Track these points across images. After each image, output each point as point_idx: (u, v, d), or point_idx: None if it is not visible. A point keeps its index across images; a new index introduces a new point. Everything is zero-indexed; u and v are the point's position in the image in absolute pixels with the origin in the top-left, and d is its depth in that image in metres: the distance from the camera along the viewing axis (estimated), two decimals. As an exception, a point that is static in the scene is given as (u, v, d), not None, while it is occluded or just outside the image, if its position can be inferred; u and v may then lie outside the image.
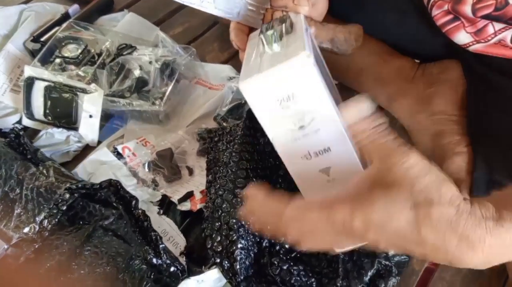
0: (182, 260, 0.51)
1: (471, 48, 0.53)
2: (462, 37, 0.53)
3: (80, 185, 0.55)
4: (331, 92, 0.45)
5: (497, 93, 0.54)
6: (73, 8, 0.82)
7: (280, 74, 0.35)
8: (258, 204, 0.36)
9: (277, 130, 0.38)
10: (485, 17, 0.50)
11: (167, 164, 0.61)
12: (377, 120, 0.34)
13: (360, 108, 0.35)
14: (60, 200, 0.55)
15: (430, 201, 0.31)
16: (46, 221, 0.55)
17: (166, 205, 0.59)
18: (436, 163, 0.59)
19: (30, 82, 0.66)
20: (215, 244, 0.49)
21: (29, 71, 0.65)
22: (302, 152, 0.39)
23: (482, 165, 0.52)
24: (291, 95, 0.36)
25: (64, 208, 0.55)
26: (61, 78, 0.65)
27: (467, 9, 0.51)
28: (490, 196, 0.40)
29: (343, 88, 0.71)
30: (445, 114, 0.58)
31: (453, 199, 0.31)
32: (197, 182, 0.60)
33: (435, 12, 0.54)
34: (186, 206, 0.57)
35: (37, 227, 0.55)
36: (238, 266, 0.47)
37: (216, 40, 0.81)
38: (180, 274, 0.48)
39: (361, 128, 0.35)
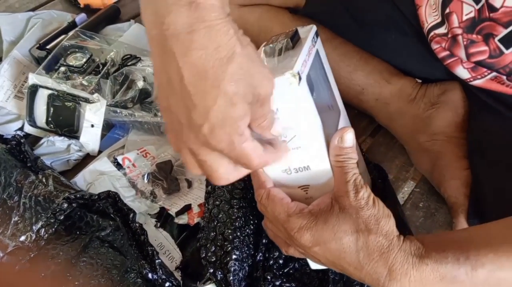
0: (178, 274, 0.51)
1: (473, 83, 0.53)
2: (461, 72, 0.54)
3: (78, 195, 0.55)
4: (328, 110, 0.45)
5: (497, 120, 0.54)
6: (80, 17, 0.83)
7: None
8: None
9: None
10: (479, 63, 0.51)
11: (166, 176, 0.62)
12: (355, 153, 0.39)
13: (352, 137, 0.39)
14: (58, 210, 0.55)
15: (369, 230, 0.36)
16: (43, 230, 0.55)
17: (163, 218, 0.59)
18: (435, 185, 0.59)
19: (34, 90, 0.66)
20: (209, 254, 0.49)
21: (33, 79, 0.66)
22: (283, 166, 0.41)
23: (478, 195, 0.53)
24: (275, 109, 0.37)
25: (62, 217, 0.55)
26: (64, 87, 0.65)
27: (461, 52, 0.52)
28: (432, 235, 0.42)
29: (345, 105, 0.70)
30: (445, 136, 0.58)
31: (389, 233, 0.36)
32: (196, 195, 0.60)
33: (434, 46, 0.55)
34: (183, 220, 0.57)
35: (33, 236, 0.55)
36: (231, 277, 0.47)
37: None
38: (175, 289, 0.48)
39: (347, 155, 0.38)
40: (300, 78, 0.35)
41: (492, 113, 0.55)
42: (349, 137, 0.38)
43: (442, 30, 0.54)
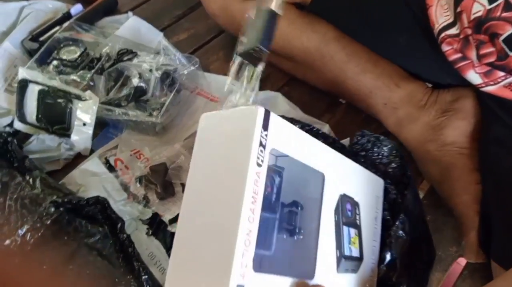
0: (168, 288, 0.48)
1: (484, 90, 0.50)
2: (472, 77, 0.50)
3: (66, 200, 0.52)
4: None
5: (507, 133, 0.50)
6: (76, 8, 0.79)
7: None
8: None
9: None
10: (490, 65, 0.48)
11: (160, 180, 0.58)
12: None
13: None
14: (44, 214, 0.52)
15: None
16: (29, 234, 0.52)
17: (156, 225, 0.56)
18: (443, 196, 0.56)
19: (23, 85, 0.63)
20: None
21: (23, 73, 0.62)
22: None
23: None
24: None
25: (49, 222, 0.52)
26: (55, 82, 0.62)
27: (473, 54, 0.48)
28: None
29: (352, 108, 0.68)
30: (456, 147, 0.55)
31: None
32: (191, 202, 0.57)
33: (445, 48, 0.51)
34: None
35: (18, 240, 0.53)
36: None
37: (221, 49, 0.78)
38: (164, 305, 0.45)
39: None
40: None
41: (501, 124, 0.51)
42: None
43: (453, 30, 0.50)
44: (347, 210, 0.39)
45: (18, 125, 0.65)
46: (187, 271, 0.30)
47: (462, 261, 0.55)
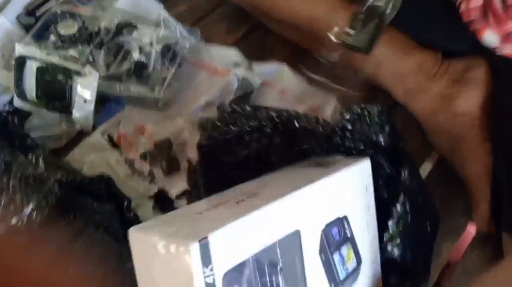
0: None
1: (502, 52, 0.48)
2: (489, 39, 0.48)
3: (70, 178, 0.52)
4: None
5: None
6: (72, -20, 0.77)
7: None
8: None
9: None
10: None
11: (165, 156, 0.58)
12: None
13: None
14: (49, 192, 0.52)
15: None
16: (34, 213, 0.52)
17: (162, 200, 0.55)
18: (456, 168, 0.55)
19: (21, 61, 0.61)
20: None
21: (20, 49, 0.61)
22: None
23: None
24: None
25: (53, 201, 0.52)
26: (54, 58, 0.60)
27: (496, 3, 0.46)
28: None
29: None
30: (467, 117, 0.54)
31: None
32: (197, 177, 0.56)
33: (463, 8, 0.49)
34: (183, 204, 0.54)
35: (25, 219, 0.52)
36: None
37: (223, 21, 0.76)
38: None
39: None
40: None
41: None
42: None
43: None
44: (333, 237, 0.36)
45: (17, 103, 0.63)
46: None
47: (473, 228, 0.54)
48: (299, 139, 0.47)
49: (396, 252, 0.43)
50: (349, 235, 0.38)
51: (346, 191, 0.39)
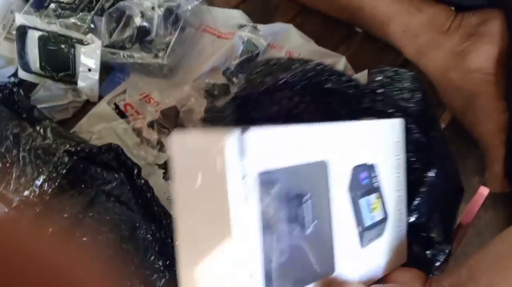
0: (188, 230, 0.48)
1: None
2: None
3: (79, 148, 0.52)
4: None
5: None
6: None
7: None
8: None
9: None
10: None
11: (172, 124, 0.57)
12: None
13: None
14: (59, 163, 0.52)
15: None
16: (46, 184, 0.52)
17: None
18: (468, 127, 0.54)
19: (22, 31, 0.60)
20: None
21: (20, 19, 0.59)
22: None
23: None
24: None
25: (64, 171, 0.52)
26: (55, 27, 0.59)
27: None
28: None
29: (369, 37, 0.64)
30: (481, 73, 0.52)
31: None
32: (205, 144, 0.56)
33: None
34: (192, 171, 0.53)
35: (37, 191, 0.53)
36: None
37: (226, -20, 0.73)
38: (186, 247, 0.45)
39: None
40: None
41: None
42: None
43: None
44: (362, 181, 0.36)
45: (22, 74, 0.63)
46: None
47: (485, 191, 0.54)
48: (329, 100, 0.46)
49: (421, 219, 0.43)
50: (376, 185, 0.38)
51: (376, 142, 0.39)
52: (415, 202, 0.42)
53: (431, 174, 0.42)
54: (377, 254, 0.38)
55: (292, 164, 0.30)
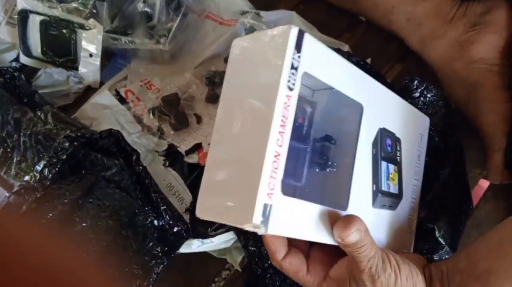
0: (187, 217, 0.49)
1: None
2: None
3: (79, 134, 0.51)
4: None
5: None
6: None
7: None
8: None
9: None
10: None
11: (173, 111, 0.57)
12: (366, 239, 0.33)
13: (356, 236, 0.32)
14: (59, 149, 0.52)
15: None
16: (46, 170, 0.53)
17: (172, 156, 0.55)
18: (470, 118, 0.53)
19: (24, 16, 0.60)
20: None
21: (22, 3, 0.59)
22: None
23: None
24: None
25: (64, 157, 0.52)
26: (57, 11, 0.59)
27: None
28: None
29: (372, 26, 0.63)
30: (485, 63, 0.51)
31: None
32: (206, 132, 0.56)
33: None
34: (193, 159, 0.53)
35: (37, 176, 0.53)
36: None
37: (229, -33, 0.72)
38: (185, 234, 0.46)
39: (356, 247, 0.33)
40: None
41: None
42: (352, 238, 0.31)
43: None
44: (386, 145, 0.37)
45: (24, 59, 0.63)
46: (218, 189, 0.30)
47: (485, 183, 0.54)
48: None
49: (430, 216, 0.44)
50: (398, 159, 0.39)
51: (405, 120, 0.40)
52: (428, 197, 0.43)
53: (445, 171, 0.43)
54: (384, 225, 0.39)
55: (333, 86, 0.32)
